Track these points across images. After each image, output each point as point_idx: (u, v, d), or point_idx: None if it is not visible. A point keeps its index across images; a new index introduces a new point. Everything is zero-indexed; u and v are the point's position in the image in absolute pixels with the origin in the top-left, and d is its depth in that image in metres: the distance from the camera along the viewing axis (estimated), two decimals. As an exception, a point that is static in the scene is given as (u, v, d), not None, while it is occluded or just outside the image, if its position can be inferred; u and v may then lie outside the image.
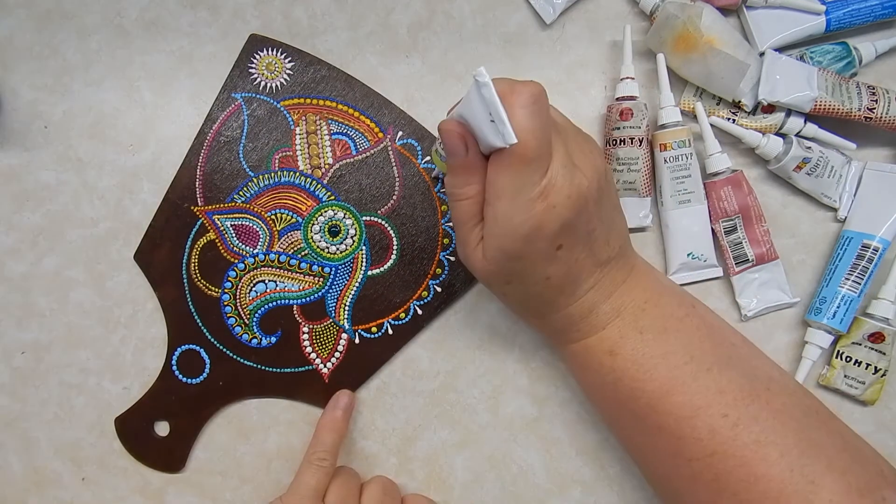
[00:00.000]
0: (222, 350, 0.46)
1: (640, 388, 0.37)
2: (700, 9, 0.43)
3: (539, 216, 0.33)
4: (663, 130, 0.45)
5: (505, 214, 0.33)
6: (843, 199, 0.46)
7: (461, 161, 0.35)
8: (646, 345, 0.37)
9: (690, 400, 0.36)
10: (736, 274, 0.46)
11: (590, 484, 0.46)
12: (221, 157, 0.46)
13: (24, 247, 0.48)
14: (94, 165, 0.48)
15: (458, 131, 0.34)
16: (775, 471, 0.34)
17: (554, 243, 0.34)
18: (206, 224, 0.46)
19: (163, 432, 0.47)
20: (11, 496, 0.47)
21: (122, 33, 0.48)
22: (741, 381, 0.36)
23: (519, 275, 0.36)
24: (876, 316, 0.44)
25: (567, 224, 0.34)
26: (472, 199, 0.35)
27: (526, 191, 0.33)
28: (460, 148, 0.34)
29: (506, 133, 0.31)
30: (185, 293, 0.46)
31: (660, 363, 0.37)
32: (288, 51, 0.46)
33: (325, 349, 0.46)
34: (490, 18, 0.48)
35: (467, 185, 0.35)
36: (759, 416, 0.35)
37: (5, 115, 0.47)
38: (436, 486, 0.47)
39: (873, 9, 0.45)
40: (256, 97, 0.46)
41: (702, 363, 0.37)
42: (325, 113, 0.46)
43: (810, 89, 0.43)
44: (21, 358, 0.48)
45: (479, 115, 0.32)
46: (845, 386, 0.45)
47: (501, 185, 0.33)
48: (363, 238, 0.46)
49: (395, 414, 0.47)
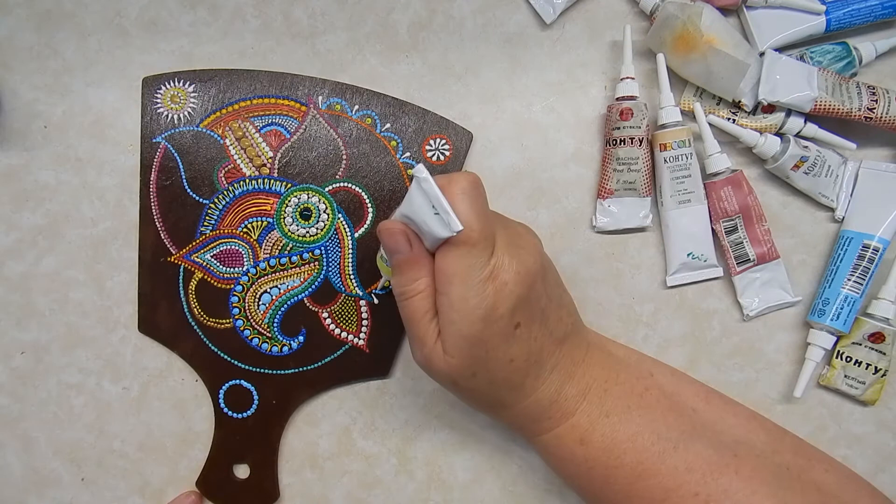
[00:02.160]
0: (260, 372, 0.46)
1: (612, 474, 0.37)
2: (700, 9, 0.43)
3: (493, 295, 0.34)
4: (663, 130, 0.45)
5: (460, 298, 0.34)
6: (840, 199, 0.46)
7: (406, 257, 0.35)
8: (614, 429, 0.37)
9: (661, 483, 0.36)
10: (737, 274, 0.45)
11: (590, 484, 0.46)
12: (172, 201, 0.46)
13: (24, 247, 0.48)
14: (94, 165, 0.48)
15: (399, 228, 0.35)
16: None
17: (512, 322, 0.35)
18: (189, 267, 0.46)
19: (244, 474, 0.46)
20: (11, 496, 0.47)
21: (121, 33, 0.48)
22: (708, 453, 0.37)
23: (483, 362, 0.35)
24: (876, 316, 0.44)
25: (521, 300, 0.34)
26: (423, 293, 0.35)
27: (476, 272, 0.33)
28: (404, 244, 0.35)
29: (451, 221, 0.32)
30: (201, 339, 0.46)
31: (628, 448, 0.37)
32: (183, 76, 0.46)
33: (351, 324, 0.46)
34: (490, 18, 0.48)
35: (416, 280, 0.35)
36: (730, 488, 0.36)
37: (5, 115, 0.47)
38: (436, 486, 0.47)
39: (873, 9, 0.45)
40: (176, 131, 0.46)
41: (668, 441, 0.37)
42: (244, 113, 0.46)
43: (810, 89, 0.43)
44: (20, 358, 0.48)
45: (422, 209, 0.33)
46: (845, 386, 0.45)
47: (452, 271, 0.34)
48: (335, 208, 0.46)
49: (395, 414, 0.47)
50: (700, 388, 0.41)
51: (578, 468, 0.38)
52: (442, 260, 0.34)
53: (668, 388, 0.40)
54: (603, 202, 0.46)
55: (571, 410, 0.38)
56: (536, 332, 0.36)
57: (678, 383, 0.41)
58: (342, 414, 0.47)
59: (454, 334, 0.35)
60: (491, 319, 0.34)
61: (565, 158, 0.47)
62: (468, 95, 0.48)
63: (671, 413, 0.39)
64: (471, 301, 0.34)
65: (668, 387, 0.40)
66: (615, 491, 0.37)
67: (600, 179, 0.46)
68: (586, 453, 0.38)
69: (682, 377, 0.42)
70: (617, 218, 0.46)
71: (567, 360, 0.38)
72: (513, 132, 0.47)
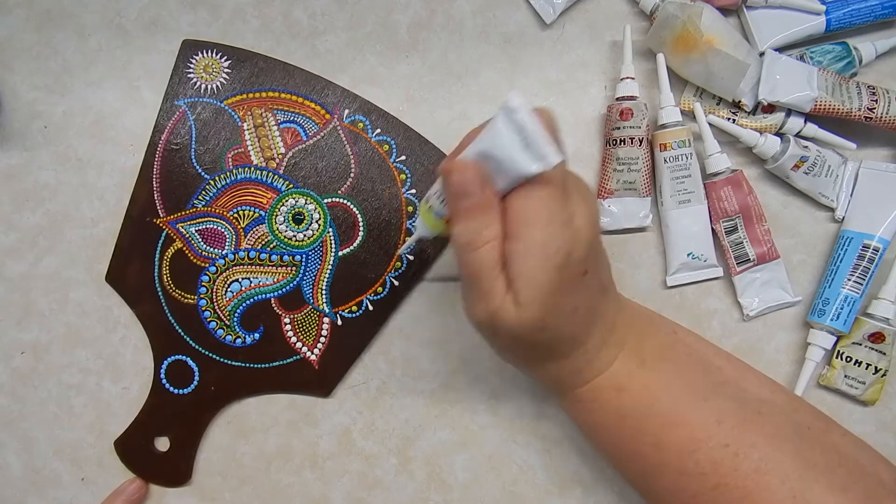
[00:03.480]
0: (208, 355, 0.46)
1: (644, 424, 0.37)
2: (700, 9, 0.43)
3: (571, 241, 0.32)
4: (663, 130, 0.45)
5: (540, 242, 0.31)
6: (840, 199, 0.46)
7: (478, 201, 0.32)
8: (648, 378, 0.37)
9: (691, 433, 0.36)
10: (737, 274, 0.45)
11: (590, 484, 0.46)
12: (175, 166, 0.46)
13: (24, 247, 0.48)
14: (94, 165, 0.48)
15: (471, 167, 0.32)
16: (777, 498, 0.34)
17: (582, 268, 0.33)
18: (172, 234, 0.46)
19: (163, 447, 0.47)
20: (11, 496, 0.47)
21: (121, 33, 0.48)
22: (734, 407, 0.37)
23: (553, 313, 0.33)
24: (876, 316, 0.44)
25: (590, 247, 0.33)
26: (493, 241, 0.32)
27: (557, 216, 0.32)
28: (477, 185, 0.32)
29: (548, 154, 0.29)
30: (162, 306, 0.46)
31: (662, 396, 0.37)
32: (223, 50, 0.46)
33: (309, 336, 0.46)
34: (490, 18, 0.47)
35: (487, 226, 0.32)
36: (757, 443, 0.35)
37: (5, 115, 0.47)
38: (436, 486, 0.47)
39: (873, 9, 0.45)
40: (199, 101, 0.46)
41: (698, 393, 0.37)
42: (270, 104, 0.46)
43: (810, 89, 0.43)
44: (21, 358, 0.48)
45: (508, 143, 0.30)
46: (845, 386, 0.45)
47: (535, 214, 0.31)
48: (328, 220, 0.46)
49: (395, 414, 0.47)
50: (719, 349, 0.41)
51: (611, 419, 0.38)
52: (523, 202, 0.32)
53: (692, 344, 0.40)
54: (603, 202, 0.46)
55: (612, 358, 0.37)
56: (595, 280, 0.35)
57: (699, 342, 0.41)
58: (342, 414, 0.47)
59: (531, 282, 0.32)
60: (567, 266, 0.32)
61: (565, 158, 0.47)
62: (468, 95, 0.48)
63: (698, 367, 0.38)
64: (550, 247, 0.31)
65: (692, 344, 0.40)
66: (646, 442, 0.37)
67: (600, 179, 0.46)
68: (622, 402, 0.37)
69: (700, 337, 0.41)
70: (617, 218, 0.46)
71: (610, 310, 0.37)
72: (513, 132, 0.47)
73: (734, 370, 0.40)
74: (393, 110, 0.47)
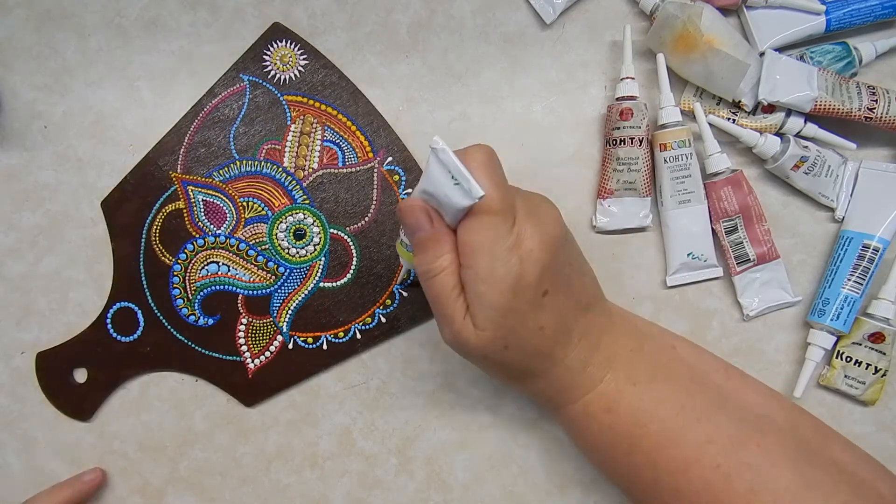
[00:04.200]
0: (159, 317, 0.46)
1: (636, 444, 0.37)
2: (700, 9, 0.43)
3: (519, 264, 0.33)
4: (663, 130, 0.45)
5: (487, 269, 0.33)
6: (840, 199, 0.46)
7: (428, 234, 0.35)
8: (639, 398, 0.37)
9: (683, 453, 0.36)
10: (737, 274, 0.45)
11: (590, 484, 0.46)
12: (212, 133, 0.46)
13: (24, 247, 0.48)
14: (94, 165, 0.48)
15: (419, 205, 0.35)
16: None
17: (539, 289, 0.34)
18: (179, 192, 0.46)
19: (80, 379, 0.47)
20: (11, 496, 0.47)
21: (121, 33, 0.48)
22: (729, 425, 0.37)
23: (514, 333, 0.35)
24: (876, 316, 0.44)
25: (546, 267, 0.34)
26: (448, 269, 0.35)
27: (501, 242, 0.33)
28: (424, 221, 0.35)
29: (472, 188, 0.32)
30: (139, 252, 0.46)
31: (653, 417, 0.37)
32: (305, 48, 0.46)
33: (257, 345, 0.46)
34: (490, 18, 0.47)
35: (439, 257, 0.35)
36: (752, 462, 0.35)
37: (5, 115, 0.47)
38: (436, 486, 0.47)
39: (873, 9, 0.45)
40: (262, 84, 0.46)
41: (691, 412, 0.37)
42: (324, 118, 0.46)
43: (810, 89, 0.43)
44: (21, 358, 0.48)
45: (441, 181, 0.33)
46: (845, 386, 0.45)
47: (477, 243, 0.33)
48: (325, 249, 0.46)
49: (395, 414, 0.47)
50: (720, 363, 0.41)
51: (604, 438, 0.38)
52: (465, 233, 0.34)
53: (689, 360, 0.40)
54: (603, 202, 0.46)
55: (598, 378, 0.38)
56: (563, 300, 0.36)
57: (699, 357, 0.41)
58: (342, 414, 0.47)
59: (484, 306, 0.34)
60: (519, 288, 0.34)
61: (565, 158, 0.47)
62: (468, 95, 0.48)
63: (693, 385, 0.39)
64: (498, 271, 0.33)
65: (690, 359, 0.40)
66: (638, 461, 0.37)
67: (600, 179, 0.46)
68: (612, 422, 0.38)
69: (702, 351, 0.42)
70: (617, 218, 0.46)
71: (593, 329, 0.38)
72: (513, 132, 0.47)
73: (733, 386, 0.40)
74: (393, 110, 0.47)
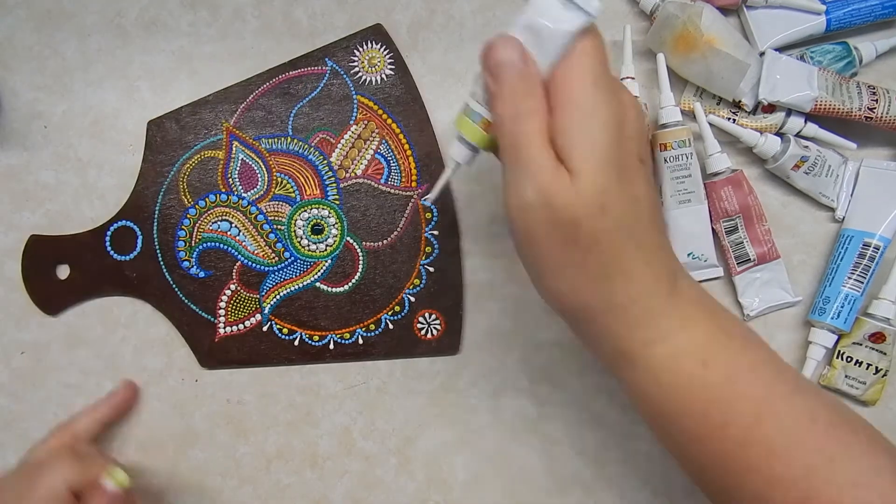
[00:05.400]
0: (156, 250, 0.46)
1: (733, 409, 0.31)
2: (700, 8, 0.43)
3: (620, 111, 0.30)
4: (663, 130, 0.45)
5: (590, 108, 0.29)
6: (840, 199, 0.46)
7: (521, 71, 0.30)
8: (736, 354, 0.32)
9: (783, 429, 0.31)
10: (738, 274, 0.45)
11: (590, 484, 0.46)
12: (276, 102, 0.47)
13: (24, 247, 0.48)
14: (94, 165, 0.48)
15: (510, 39, 0.30)
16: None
17: (637, 150, 0.31)
18: (224, 142, 0.46)
19: (61, 276, 0.47)
20: (11, 496, 0.47)
21: (121, 33, 0.48)
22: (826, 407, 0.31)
23: (613, 189, 0.30)
24: (877, 316, 0.44)
25: (641, 131, 0.32)
26: (539, 112, 0.30)
27: (603, 83, 0.30)
28: (518, 54, 0.30)
29: (590, 3, 0.29)
30: (164, 182, 0.46)
31: (752, 379, 0.32)
32: (396, 60, 0.46)
33: (234, 314, 0.46)
34: (490, 18, 0.48)
35: (530, 96, 0.30)
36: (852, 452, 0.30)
37: (5, 115, 0.48)
38: (436, 486, 0.47)
39: (873, 9, 0.45)
40: (342, 75, 0.46)
41: (787, 380, 0.32)
42: (386, 132, 0.46)
43: (810, 89, 0.43)
44: (21, 358, 0.48)
45: (546, 6, 0.30)
46: (846, 386, 0.45)
47: (581, 74, 0.30)
48: (335, 253, 0.46)
49: (395, 414, 0.47)
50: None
51: (696, 400, 0.32)
52: (568, 70, 0.30)
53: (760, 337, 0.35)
54: (603, 202, 0.46)
55: (690, 318, 0.32)
56: (651, 187, 0.32)
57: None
58: (342, 414, 0.47)
59: (585, 147, 0.29)
60: (620, 137, 0.30)
61: (565, 158, 0.47)
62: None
63: (778, 358, 0.33)
64: (601, 111, 0.29)
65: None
66: (730, 436, 0.31)
67: (600, 179, 0.46)
68: (707, 379, 0.31)
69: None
70: (617, 218, 0.46)
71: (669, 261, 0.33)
72: (513, 132, 0.47)
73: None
74: (393, 110, 0.47)
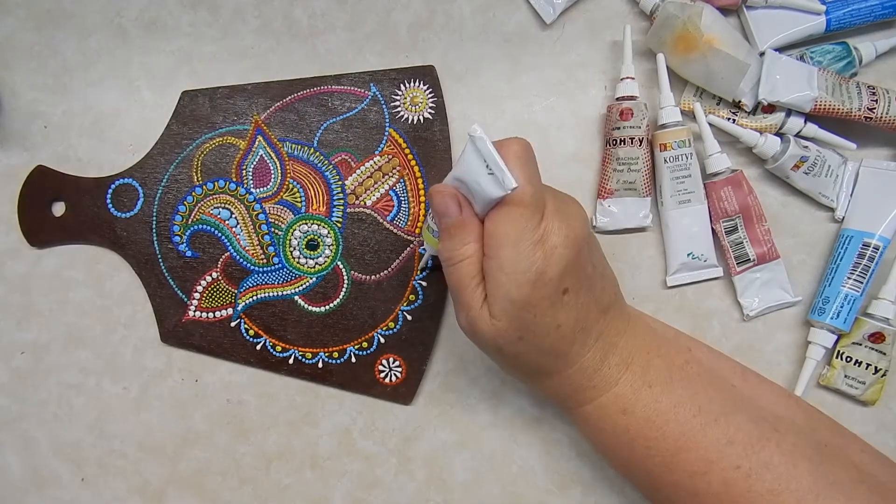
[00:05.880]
0: (151, 217, 0.47)
1: (653, 446, 0.37)
2: (700, 9, 0.43)
3: (543, 259, 0.34)
4: (663, 130, 0.45)
5: (510, 261, 0.34)
6: (840, 199, 0.46)
7: (455, 220, 0.35)
8: (656, 400, 0.37)
9: (702, 455, 0.36)
10: (737, 274, 0.45)
11: (590, 484, 0.46)
12: (311, 111, 0.47)
13: (24, 247, 0.48)
14: (94, 165, 0.48)
15: (450, 191, 0.35)
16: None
17: (560, 287, 0.35)
18: (249, 133, 0.46)
19: (56, 213, 0.47)
20: (11, 496, 0.47)
21: (121, 33, 0.48)
22: (748, 427, 0.37)
23: (530, 327, 0.35)
24: (876, 316, 0.44)
25: (569, 265, 0.34)
26: (471, 257, 0.35)
27: (527, 236, 0.33)
28: (454, 207, 0.35)
29: (505, 179, 0.32)
30: (179, 153, 0.47)
31: (670, 419, 0.37)
32: (437, 105, 0.46)
33: (207, 302, 0.47)
34: (490, 18, 0.48)
35: (464, 244, 0.35)
36: (771, 463, 0.35)
37: (5, 115, 0.47)
38: (436, 486, 0.47)
39: (873, 9, 0.45)
40: (382, 104, 0.46)
41: (709, 414, 0.37)
42: (406, 172, 0.46)
43: (810, 89, 0.43)
44: (21, 358, 0.48)
45: (475, 169, 0.33)
46: (846, 386, 0.45)
47: (504, 233, 0.34)
48: (322, 273, 0.46)
49: (395, 414, 0.47)
50: (736, 365, 0.41)
51: (620, 440, 0.38)
52: (493, 223, 0.34)
53: (706, 363, 0.40)
54: (603, 202, 0.46)
55: (615, 380, 0.38)
56: (583, 299, 0.36)
57: (716, 359, 0.41)
58: (342, 414, 0.47)
59: (502, 297, 0.34)
60: (540, 283, 0.34)
61: (565, 158, 0.47)
62: (468, 95, 0.48)
63: (711, 387, 0.38)
64: (521, 264, 0.33)
65: (707, 362, 0.40)
66: (656, 463, 0.37)
67: (600, 179, 0.46)
68: (628, 424, 0.37)
69: (718, 354, 0.42)
70: (617, 218, 0.46)
71: (611, 330, 0.38)
72: (513, 132, 0.47)
73: (750, 388, 0.40)
74: (393, 110, 0.47)
